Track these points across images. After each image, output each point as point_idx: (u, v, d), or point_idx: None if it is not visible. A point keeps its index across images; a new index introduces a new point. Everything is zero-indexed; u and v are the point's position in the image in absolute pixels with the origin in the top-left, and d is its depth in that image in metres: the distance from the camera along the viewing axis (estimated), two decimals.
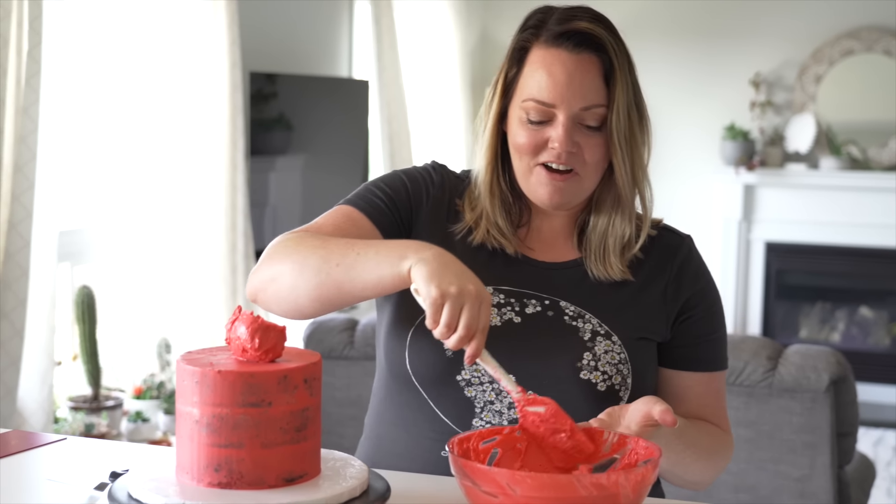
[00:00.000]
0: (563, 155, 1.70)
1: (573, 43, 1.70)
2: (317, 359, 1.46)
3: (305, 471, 1.43)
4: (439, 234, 1.80)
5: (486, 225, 1.79)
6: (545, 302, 1.75)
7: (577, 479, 1.29)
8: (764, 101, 6.06)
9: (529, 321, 1.73)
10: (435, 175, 1.85)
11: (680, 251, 1.81)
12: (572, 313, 1.74)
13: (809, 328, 6.29)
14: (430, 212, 1.82)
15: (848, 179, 5.92)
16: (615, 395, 1.70)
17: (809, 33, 6.09)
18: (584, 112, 1.70)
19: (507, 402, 1.70)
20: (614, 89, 1.71)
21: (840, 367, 2.91)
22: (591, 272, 1.77)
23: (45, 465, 1.66)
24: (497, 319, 1.73)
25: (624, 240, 1.77)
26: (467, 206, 1.82)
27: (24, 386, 3.39)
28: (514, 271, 1.78)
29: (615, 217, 1.77)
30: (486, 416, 1.70)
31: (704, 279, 1.81)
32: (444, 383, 1.71)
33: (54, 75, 3.41)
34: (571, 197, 1.75)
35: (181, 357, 1.45)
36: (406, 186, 1.82)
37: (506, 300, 1.75)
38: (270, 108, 4.73)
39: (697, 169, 6.27)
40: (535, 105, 1.71)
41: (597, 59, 1.71)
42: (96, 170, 4.10)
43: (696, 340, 1.79)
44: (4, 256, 3.30)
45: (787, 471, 2.92)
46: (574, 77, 1.69)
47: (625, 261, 1.77)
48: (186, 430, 1.41)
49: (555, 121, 1.71)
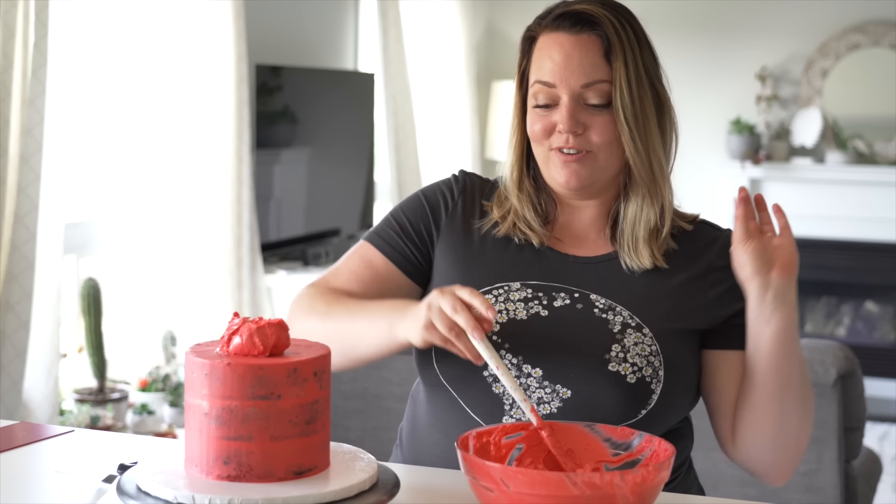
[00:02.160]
0: (570, 137, 1.71)
1: (570, 23, 1.73)
2: (326, 351, 1.45)
3: (315, 464, 1.43)
4: (464, 231, 1.82)
5: (514, 219, 1.80)
6: (574, 295, 1.74)
7: (569, 478, 1.28)
8: (770, 95, 6.05)
9: (557, 314, 1.72)
10: (457, 183, 1.87)
11: (719, 239, 1.80)
12: (602, 306, 1.73)
13: (815, 322, 6.28)
14: (452, 217, 1.83)
15: (854, 174, 5.91)
16: (646, 388, 1.68)
17: (816, 27, 6.08)
18: (587, 90, 1.71)
19: (536, 398, 1.68)
20: (616, 65, 1.71)
21: (848, 361, 2.90)
22: (625, 263, 1.76)
23: (52, 458, 1.66)
24: (524, 313, 1.72)
25: (650, 225, 1.76)
26: (496, 206, 1.83)
27: (30, 378, 3.39)
28: (543, 265, 1.78)
29: (641, 202, 1.77)
30: (515, 412, 1.69)
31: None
32: (471, 380, 1.71)
33: (60, 67, 3.40)
34: (588, 179, 1.74)
35: (190, 349, 1.44)
36: (424, 207, 1.85)
37: (533, 294, 1.74)
38: (276, 100, 4.73)
39: (703, 163, 6.26)
40: (540, 88, 1.73)
41: (596, 38, 1.72)
42: (102, 162, 4.10)
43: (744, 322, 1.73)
44: (10, 248, 3.30)
45: None
46: (573, 56, 1.71)
47: (658, 248, 1.76)
48: (195, 422, 1.40)
49: (559, 102, 1.72)
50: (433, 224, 1.83)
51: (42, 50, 3.31)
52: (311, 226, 4.99)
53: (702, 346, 1.77)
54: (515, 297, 1.74)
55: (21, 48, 3.25)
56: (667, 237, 1.77)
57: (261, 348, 1.41)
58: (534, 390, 1.68)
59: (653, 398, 1.68)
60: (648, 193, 1.76)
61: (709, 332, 1.77)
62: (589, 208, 1.81)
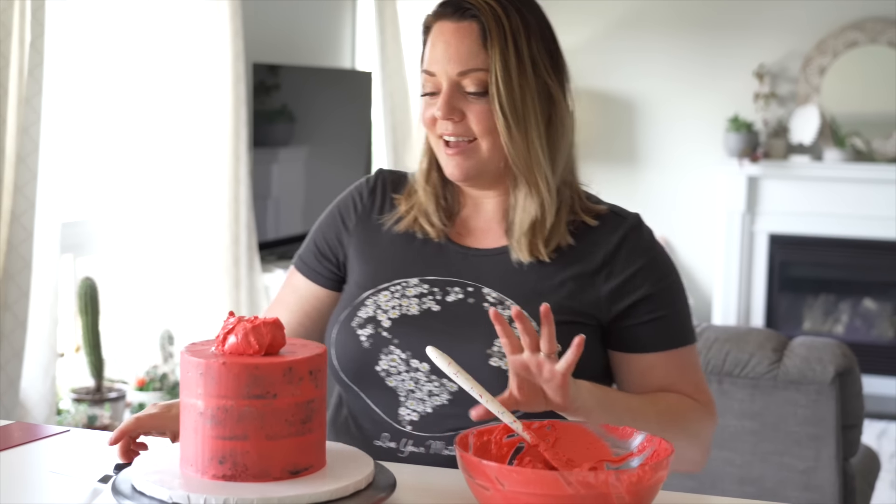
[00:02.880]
0: (449, 124, 1.72)
1: (451, 10, 1.74)
2: (322, 350, 1.45)
3: (311, 463, 1.42)
4: (371, 229, 1.84)
5: (416, 213, 1.81)
6: (468, 289, 1.75)
7: (564, 477, 1.27)
8: (768, 93, 6.04)
9: (448, 309, 1.74)
10: (367, 184, 1.89)
11: (618, 231, 1.76)
12: (493, 299, 1.73)
13: (813, 320, 6.28)
14: (361, 217, 1.86)
15: (852, 171, 5.90)
16: None
17: (814, 25, 6.07)
18: (463, 77, 1.71)
19: (427, 390, 1.71)
20: (492, 53, 1.70)
21: (846, 359, 2.89)
22: (514, 256, 1.76)
23: (48, 458, 1.66)
24: (416, 309, 1.74)
25: (531, 217, 1.73)
26: (404, 200, 1.84)
27: (27, 378, 3.39)
28: (442, 260, 1.79)
29: (523, 194, 1.74)
30: (410, 404, 1.72)
31: (649, 256, 1.75)
32: (366, 375, 1.74)
33: (57, 66, 3.39)
34: (473, 170, 1.74)
35: (185, 348, 1.44)
36: (336, 219, 1.88)
37: (429, 290, 1.76)
38: (273, 99, 4.72)
39: (701, 161, 6.26)
40: (425, 77, 1.75)
41: (476, 26, 1.72)
42: (99, 161, 4.09)
43: (647, 319, 1.74)
44: (7, 248, 3.29)
45: (792, 463, 2.91)
46: (451, 44, 1.72)
47: (541, 242, 1.73)
48: (191, 422, 1.40)
49: (440, 90, 1.73)
50: (344, 231, 1.86)
51: (38, 49, 3.31)
52: (309, 224, 4.97)
53: (606, 345, 1.77)
54: (411, 292, 1.76)
55: (17, 47, 3.24)
56: (555, 232, 1.73)
57: (256, 347, 1.41)
58: (423, 384, 1.71)
59: None
60: (527, 185, 1.73)
61: (609, 331, 1.75)
62: (490, 200, 1.81)
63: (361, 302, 1.77)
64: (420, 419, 1.71)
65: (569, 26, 6.38)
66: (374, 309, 1.75)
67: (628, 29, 6.31)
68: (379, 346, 1.73)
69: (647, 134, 6.35)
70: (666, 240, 6.27)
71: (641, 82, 6.32)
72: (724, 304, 6.12)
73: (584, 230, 1.76)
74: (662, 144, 6.34)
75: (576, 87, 1.83)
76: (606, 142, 6.36)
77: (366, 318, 1.75)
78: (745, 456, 2.93)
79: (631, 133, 6.36)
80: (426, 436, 1.71)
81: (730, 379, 2.92)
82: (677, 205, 6.32)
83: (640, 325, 1.74)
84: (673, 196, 6.32)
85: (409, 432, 1.72)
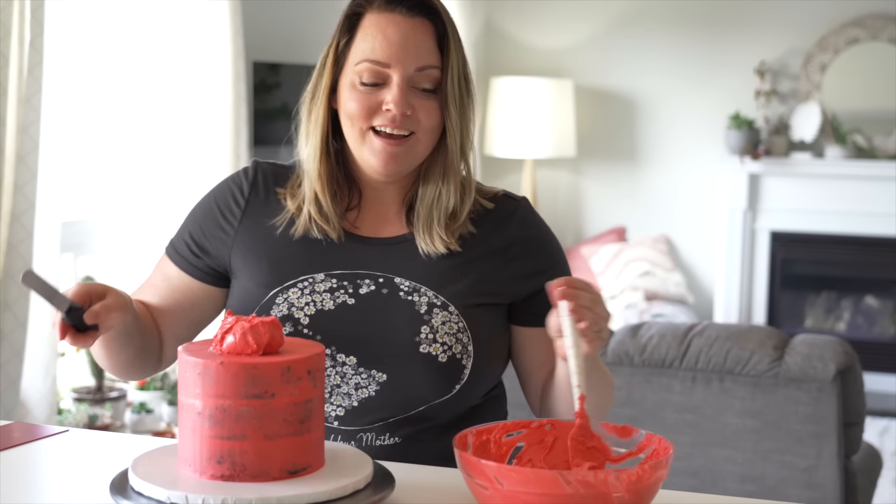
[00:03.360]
0: (399, 117, 1.72)
1: (406, 7, 1.74)
2: (320, 350, 1.45)
3: (309, 463, 1.42)
4: (260, 230, 1.81)
5: (309, 209, 1.78)
6: (379, 280, 1.76)
7: (563, 476, 1.27)
8: (769, 90, 6.03)
9: (364, 301, 1.74)
10: (246, 177, 1.85)
11: (515, 214, 1.81)
12: (407, 288, 1.75)
13: (815, 318, 6.27)
14: (246, 215, 1.82)
15: (853, 168, 5.89)
16: (458, 365, 1.71)
17: (814, 22, 6.06)
18: (419, 74, 1.73)
19: (354, 383, 1.71)
20: (448, 53, 1.74)
21: (847, 356, 2.89)
22: (420, 246, 1.77)
23: (47, 458, 1.65)
24: (331, 304, 1.74)
25: (449, 211, 1.77)
26: (289, 195, 1.82)
27: (28, 377, 3.39)
28: (345, 253, 1.78)
29: (442, 187, 1.77)
30: (335, 399, 1.72)
31: (543, 233, 1.83)
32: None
33: (56, 65, 3.39)
34: (406, 164, 1.75)
35: (182, 348, 1.44)
36: (214, 212, 1.84)
37: (338, 284, 1.75)
38: (274, 98, 4.72)
39: (702, 158, 6.25)
40: (368, 66, 1.73)
41: (430, 24, 1.75)
42: (99, 160, 4.09)
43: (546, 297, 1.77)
44: (7, 247, 3.29)
45: (794, 461, 2.90)
46: (409, 38, 1.73)
47: (451, 233, 1.76)
48: (189, 421, 1.40)
49: (389, 82, 1.73)
50: (225, 226, 1.82)
51: (38, 48, 3.31)
52: None
53: (509, 320, 1.81)
54: (321, 287, 1.75)
55: (17, 46, 3.24)
56: (465, 222, 1.78)
57: (254, 347, 1.40)
58: (350, 377, 1.71)
59: (465, 373, 1.72)
60: (454, 179, 1.77)
61: (513, 307, 1.80)
62: (391, 190, 1.81)
63: (271, 301, 1.75)
64: (346, 414, 1.72)
65: (569, 24, 6.37)
66: (287, 307, 1.74)
67: (629, 26, 6.30)
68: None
69: (648, 131, 6.34)
70: (667, 237, 6.27)
71: (642, 79, 6.31)
72: (725, 301, 6.11)
73: (483, 216, 1.80)
74: (663, 142, 6.33)
75: (576, 84, 1.86)
76: (607, 139, 6.35)
77: (282, 317, 1.73)
78: (746, 454, 2.92)
79: (632, 130, 6.36)
80: (355, 429, 1.72)
81: (731, 377, 2.92)
82: (678, 202, 6.31)
83: (543, 302, 1.72)
84: (674, 193, 6.31)
85: (336, 427, 1.72)
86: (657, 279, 5.93)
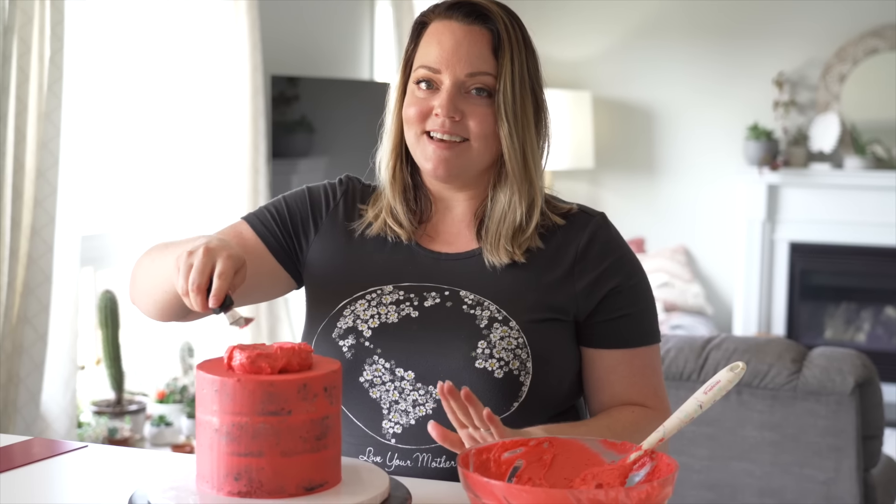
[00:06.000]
0: (447, 122, 1.73)
1: (463, 13, 1.76)
2: (337, 367, 1.45)
3: (326, 479, 1.42)
4: (341, 235, 1.84)
5: (385, 215, 1.82)
6: (445, 293, 1.76)
7: (573, 495, 1.26)
8: (787, 101, 6.02)
9: (427, 314, 1.74)
10: (340, 185, 1.90)
11: (587, 228, 1.80)
12: (471, 301, 1.74)
13: (834, 329, 6.25)
14: (332, 217, 1.85)
15: (873, 179, 5.88)
16: (515, 381, 1.70)
17: (833, 32, 6.05)
18: (470, 79, 1.74)
19: (412, 400, 1.71)
20: (503, 61, 1.74)
21: (865, 369, 2.88)
22: (487, 259, 1.77)
23: (67, 473, 1.66)
24: (395, 316, 1.74)
25: (515, 223, 1.77)
26: (371, 207, 1.85)
27: (48, 391, 3.40)
28: (415, 265, 1.79)
29: (506, 200, 1.78)
30: (393, 416, 1.72)
31: (618, 253, 1.80)
32: (349, 387, 1.73)
33: (76, 81, 3.41)
34: (458, 168, 1.76)
35: (199, 365, 1.44)
36: (305, 200, 1.87)
37: (405, 296, 1.76)
38: (292, 110, 4.73)
39: (721, 169, 6.24)
40: (424, 72, 1.76)
41: (486, 31, 1.76)
42: (118, 174, 4.11)
43: (615, 316, 1.77)
44: (27, 262, 3.31)
45: (813, 474, 2.90)
46: (462, 44, 1.74)
47: (518, 245, 1.76)
48: (206, 438, 1.40)
49: (441, 88, 1.74)
50: (311, 218, 1.86)
51: (58, 64, 3.33)
52: None
53: (577, 341, 1.80)
54: (388, 300, 1.76)
55: (37, 62, 3.26)
56: (532, 236, 1.78)
57: (271, 370, 1.41)
58: (408, 393, 1.71)
59: (523, 391, 1.70)
60: (518, 190, 1.77)
61: (579, 326, 1.78)
62: (460, 204, 1.83)
63: (339, 312, 1.76)
64: (403, 431, 1.71)
65: (587, 36, 6.38)
66: (352, 319, 1.75)
67: (647, 38, 6.30)
68: (362, 357, 1.73)
69: (666, 143, 6.34)
70: (686, 248, 6.26)
71: (660, 91, 6.31)
72: (744, 313, 6.10)
73: (552, 230, 1.80)
74: (682, 153, 6.32)
75: (594, 95, 1.87)
76: (626, 151, 6.35)
77: (345, 329, 1.74)
78: (764, 467, 2.92)
79: (650, 142, 6.35)
80: (412, 448, 1.71)
81: (749, 390, 2.92)
82: (697, 213, 6.31)
83: (609, 322, 1.77)
84: (693, 205, 6.31)
85: (394, 445, 1.71)
86: (676, 290, 5.92)
